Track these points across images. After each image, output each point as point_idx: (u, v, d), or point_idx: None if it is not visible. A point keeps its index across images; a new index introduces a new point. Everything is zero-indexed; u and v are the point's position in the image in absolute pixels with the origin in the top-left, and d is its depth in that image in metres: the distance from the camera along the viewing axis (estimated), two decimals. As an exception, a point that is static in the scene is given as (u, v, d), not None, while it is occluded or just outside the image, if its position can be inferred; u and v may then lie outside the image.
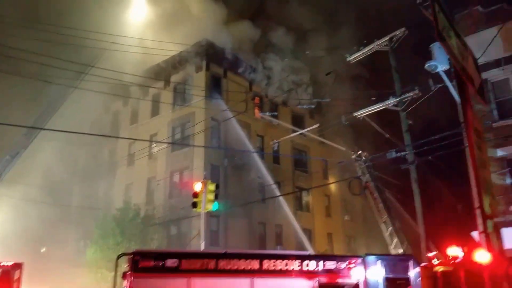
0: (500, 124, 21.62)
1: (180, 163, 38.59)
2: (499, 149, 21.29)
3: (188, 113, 39.18)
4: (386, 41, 23.18)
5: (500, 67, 21.88)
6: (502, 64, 21.87)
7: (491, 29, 20.83)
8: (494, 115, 22.01)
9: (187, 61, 40.36)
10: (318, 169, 44.76)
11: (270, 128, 42.77)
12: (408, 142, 22.26)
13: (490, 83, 22.09)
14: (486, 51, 15.78)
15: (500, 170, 20.99)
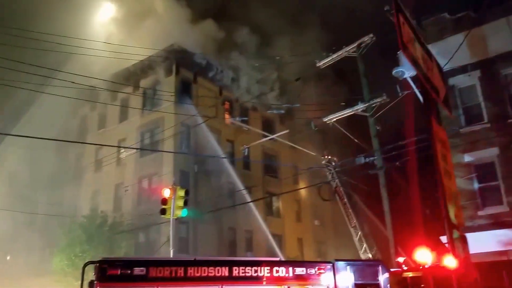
0: (467, 130, 22.01)
1: (149, 169, 38.33)
2: (466, 155, 21.66)
3: (157, 118, 38.96)
4: (355, 47, 23.47)
5: (467, 73, 22.28)
6: (469, 70, 22.28)
7: (458, 35, 21.18)
8: (461, 121, 22.40)
9: (157, 66, 40.19)
10: (289, 174, 44.96)
11: (241, 133, 42.84)
12: (376, 148, 22.50)
13: (457, 89, 22.49)
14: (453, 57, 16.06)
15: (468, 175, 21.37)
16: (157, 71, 40.56)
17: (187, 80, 40.40)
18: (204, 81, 41.59)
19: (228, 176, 39.32)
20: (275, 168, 46.33)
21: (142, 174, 38.82)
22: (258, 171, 43.90)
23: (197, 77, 41.18)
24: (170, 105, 37.33)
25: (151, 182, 38.25)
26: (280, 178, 45.25)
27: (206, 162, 37.56)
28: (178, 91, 38.93)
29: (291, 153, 44.09)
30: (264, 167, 45.32)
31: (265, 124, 45.85)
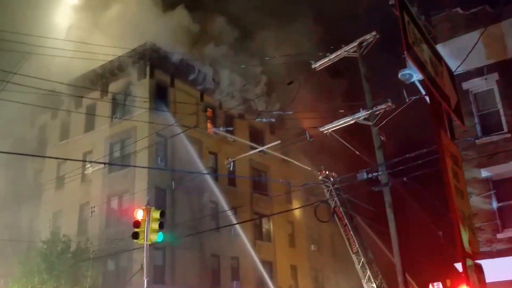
0: (483, 141, 21.94)
1: (119, 187, 38.24)
2: (483, 169, 21.63)
3: (129, 127, 38.94)
4: (355, 47, 23.61)
5: (483, 76, 22.28)
6: (485, 73, 22.26)
7: (473, 33, 21.17)
8: (477, 130, 22.36)
9: (128, 67, 40.23)
10: (280, 192, 44.96)
11: (225, 145, 42.89)
12: (380, 161, 22.55)
13: (471, 95, 22.51)
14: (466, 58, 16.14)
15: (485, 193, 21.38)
16: (129, 73, 40.60)
17: (163, 84, 40.48)
18: (183, 84, 41.67)
19: (211, 195, 39.30)
20: (264, 185, 46.36)
21: (111, 193, 38.71)
22: (245, 189, 43.92)
23: (174, 80, 41.27)
24: (143, 112, 37.32)
25: (121, 202, 38.13)
26: (271, 197, 45.27)
27: (185, 178, 37.51)
28: (153, 96, 39.00)
29: (283, 167, 44.16)
30: (253, 183, 45.33)
31: (253, 134, 45.99)
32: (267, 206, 44.68)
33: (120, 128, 39.98)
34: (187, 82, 41.96)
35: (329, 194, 27.40)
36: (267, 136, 46.85)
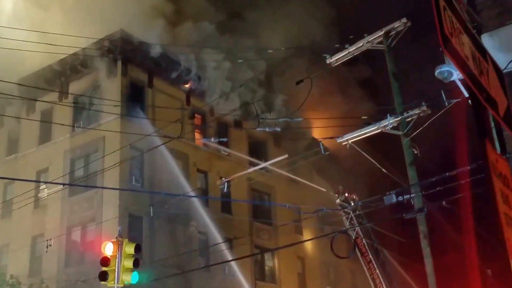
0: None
1: (82, 214, 38.25)
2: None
3: (95, 138, 39.03)
4: (381, 37, 23.80)
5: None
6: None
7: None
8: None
9: (94, 62, 40.27)
10: (288, 219, 44.99)
11: (217, 160, 42.98)
12: (413, 180, 22.69)
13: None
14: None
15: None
16: (95, 69, 40.65)
17: (139, 83, 40.60)
18: (164, 84, 41.79)
19: (200, 223, 39.28)
20: (267, 210, 46.38)
21: (72, 222, 38.69)
22: (243, 216, 43.91)
23: (153, 79, 41.39)
24: (114, 119, 37.38)
25: (85, 233, 38.15)
26: (276, 226, 45.27)
27: (167, 202, 37.53)
28: (126, 98, 39.04)
29: (291, 189, 44.24)
30: (252, 209, 45.38)
31: (253, 146, 46.08)
32: (271, 237, 44.68)
33: (84, 139, 40.04)
34: (169, 81, 42.09)
35: (349, 223, 27.48)
36: (270, 149, 46.94)
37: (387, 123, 23.38)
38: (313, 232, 44.22)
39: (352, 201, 27.75)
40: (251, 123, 40.22)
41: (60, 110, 41.25)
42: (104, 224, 35.81)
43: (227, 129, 44.83)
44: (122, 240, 23.23)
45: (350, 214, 27.31)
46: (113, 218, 35.34)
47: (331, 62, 25.90)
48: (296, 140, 41.76)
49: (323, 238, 34.89)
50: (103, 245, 23.23)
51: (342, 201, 27.76)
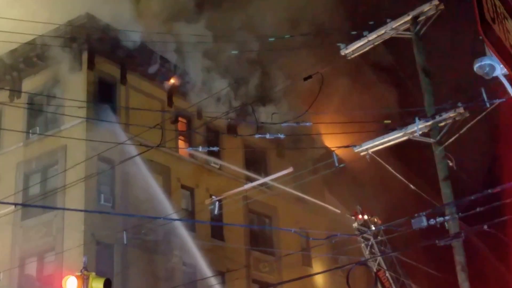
0: None
1: (38, 242, 38.31)
2: None
3: (55, 147, 39.20)
4: (408, 23, 24.22)
5: None
6: None
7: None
8: None
9: (53, 53, 40.43)
10: (293, 247, 45.31)
11: (207, 174, 43.25)
12: (448, 199, 22.97)
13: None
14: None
15: None
16: (55, 63, 40.81)
17: (110, 80, 40.82)
18: (141, 81, 42.05)
19: (185, 252, 39.37)
20: (269, 237, 46.59)
21: (26, 251, 38.71)
22: (238, 243, 44.07)
23: (127, 74, 41.66)
24: (78, 124, 37.64)
25: (42, 265, 38.25)
26: (278, 256, 45.48)
27: (144, 227, 37.81)
28: (93, 98, 39.12)
29: (298, 209, 44.55)
30: (250, 235, 45.58)
31: (251, 157, 46.28)
32: (273, 270, 44.87)
33: (40, 149, 40.20)
34: (147, 77, 42.39)
35: (369, 252, 27.86)
36: (272, 161, 47.24)
37: (415, 128, 23.35)
38: (325, 263, 44.49)
39: (372, 225, 28.03)
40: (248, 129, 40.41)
41: (11, 112, 41.36)
42: (66, 254, 35.84)
43: (219, 136, 44.99)
44: (88, 274, 23.39)
45: (371, 241, 27.62)
46: (77, 246, 35.24)
47: (346, 54, 26.04)
48: (303, 149, 41.94)
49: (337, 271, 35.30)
50: (64, 280, 23.42)
51: (360, 225, 28.04)
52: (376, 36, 25.21)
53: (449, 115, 22.92)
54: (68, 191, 36.27)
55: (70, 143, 37.36)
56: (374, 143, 24.36)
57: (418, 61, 24.05)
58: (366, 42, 25.52)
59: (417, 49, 24.17)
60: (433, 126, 23.20)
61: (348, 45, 25.87)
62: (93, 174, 36.81)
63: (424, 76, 23.83)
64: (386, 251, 27.36)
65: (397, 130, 23.79)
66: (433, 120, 23.10)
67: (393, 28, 24.63)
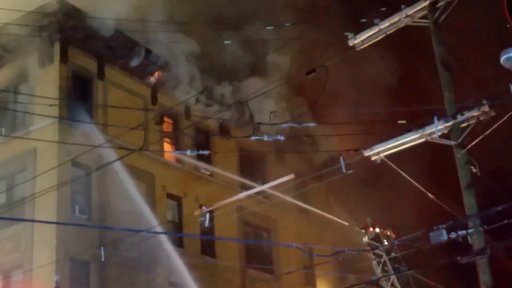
0: None
1: (4, 258, 38.32)
2: None
3: (22, 151, 39.21)
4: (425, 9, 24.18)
5: None
6: None
7: None
8: None
9: (22, 44, 40.53)
10: (295, 264, 45.38)
11: (196, 182, 43.27)
12: (471, 209, 22.94)
13: None
14: None
15: None
16: (23, 55, 40.91)
17: (86, 74, 40.75)
18: (121, 75, 42.07)
19: (171, 271, 39.36)
20: (267, 253, 46.63)
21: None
22: (232, 259, 44.12)
23: (104, 67, 41.60)
24: (49, 124, 37.61)
25: (8, 285, 38.28)
26: (277, 274, 45.55)
27: (124, 241, 37.75)
28: (67, 95, 39.16)
29: (300, 222, 44.61)
30: (246, 251, 45.63)
31: (247, 163, 46.31)
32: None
33: (6, 153, 40.22)
34: (128, 71, 42.44)
35: (381, 269, 27.84)
36: (271, 167, 47.28)
37: (433, 129, 23.31)
38: (331, 282, 44.58)
39: (385, 239, 28.02)
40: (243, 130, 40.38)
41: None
42: (36, 272, 35.89)
43: (209, 138, 45.06)
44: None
45: (383, 258, 27.60)
46: (48, 263, 35.37)
47: (355, 44, 26.02)
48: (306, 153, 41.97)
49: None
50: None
51: (371, 239, 28.01)
52: (389, 24, 25.13)
53: (472, 114, 22.84)
54: (38, 201, 36.29)
55: (41, 146, 37.38)
56: (387, 146, 24.28)
57: (436, 53, 24.01)
58: (377, 31, 25.44)
59: (436, 39, 24.13)
60: (454, 127, 23.11)
61: (356, 34, 25.80)
62: (66, 181, 36.75)
63: (443, 70, 23.79)
64: (401, 269, 27.30)
65: (413, 131, 23.67)
66: (454, 120, 23.04)
67: (408, 15, 24.57)
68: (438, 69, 23.84)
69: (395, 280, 27.32)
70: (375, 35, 25.53)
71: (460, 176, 23.17)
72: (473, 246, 22.54)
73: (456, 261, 23.12)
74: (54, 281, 26.71)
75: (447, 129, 23.11)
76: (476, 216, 22.70)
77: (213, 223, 36.73)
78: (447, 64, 23.81)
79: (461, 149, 22.95)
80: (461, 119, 22.93)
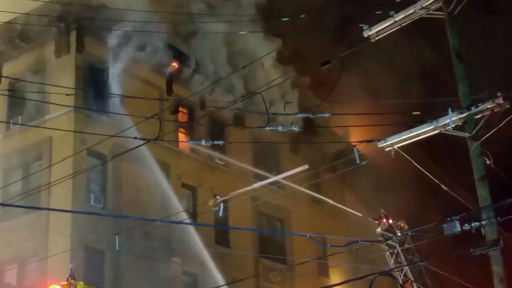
0: None
1: (19, 246, 38.43)
2: None
3: (38, 140, 39.31)
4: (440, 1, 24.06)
5: None
6: None
7: None
8: None
9: (38, 34, 40.46)
10: (308, 254, 45.21)
11: (210, 172, 43.24)
12: (485, 201, 22.86)
13: None
14: None
15: None
16: (39, 44, 40.87)
17: (101, 64, 40.72)
18: (136, 65, 42.00)
19: (186, 260, 39.32)
20: (280, 242, 46.54)
21: (5, 257, 38.76)
22: (246, 249, 44.06)
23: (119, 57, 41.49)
24: (65, 113, 37.63)
25: (24, 273, 38.34)
26: (291, 264, 45.41)
27: (138, 230, 37.73)
28: (83, 84, 39.11)
29: (313, 212, 44.52)
30: (259, 241, 45.59)
31: (261, 153, 46.20)
32: (284, 280, 44.83)
33: (22, 141, 40.29)
34: (143, 61, 42.29)
35: (394, 260, 27.75)
36: (285, 157, 47.18)
37: (448, 121, 23.23)
38: (344, 273, 44.47)
39: (398, 231, 27.91)
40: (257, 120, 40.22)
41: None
42: (50, 261, 35.97)
43: (224, 129, 44.93)
44: (76, 283, 23.41)
45: (396, 248, 27.51)
46: (63, 252, 35.36)
47: (370, 36, 25.94)
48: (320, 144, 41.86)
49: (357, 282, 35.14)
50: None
51: (384, 230, 27.90)
52: (404, 16, 25.03)
53: (486, 106, 22.78)
54: (53, 190, 36.19)
55: (56, 135, 37.43)
56: (401, 137, 24.18)
57: (451, 44, 23.94)
58: (392, 23, 25.34)
59: (451, 31, 24.05)
60: (468, 119, 23.04)
61: (371, 26, 25.72)
62: (81, 170, 36.63)
63: (458, 62, 23.72)
64: (414, 260, 27.21)
65: (427, 122, 23.59)
66: (468, 111, 22.96)
67: (423, 7, 24.48)
68: (453, 61, 23.79)
69: (408, 270, 27.24)
70: (390, 27, 25.45)
71: (473, 168, 23.10)
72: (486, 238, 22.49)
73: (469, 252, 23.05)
74: (69, 269, 26.55)
75: (461, 121, 23.04)
76: (490, 208, 22.64)
77: (227, 213, 36.63)
78: (462, 56, 23.76)
79: (475, 140, 22.88)
80: (475, 111, 22.86)
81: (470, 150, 23.12)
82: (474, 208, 23.01)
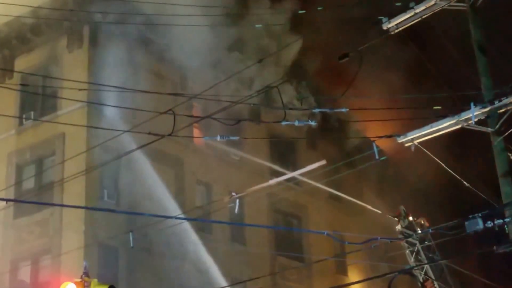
0: None
1: (33, 243, 38.39)
2: None
3: (51, 135, 39.26)
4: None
5: None
6: None
7: None
8: None
9: (50, 28, 40.36)
10: (325, 252, 45.04)
11: (226, 168, 43.04)
12: (509, 198, 22.63)
13: None
14: None
15: None
16: (52, 38, 40.78)
17: (115, 58, 40.53)
18: (149, 59, 41.85)
19: (199, 257, 39.21)
20: (297, 240, 46.39)
21: (18, 253, 38.86)
22: (262, 247, 43.98)
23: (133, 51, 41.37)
24: (78, 109, 37.56)
25: (37, 270, 38.30)
26: (308, 262, 45.29)
27: (152, 227, 37.61)
28: (96, 79, 39.00)
29: (331, 209, 44.31)
30: (275, 238, 45.41)
31: (277, 149, 46.03)
32: (301, 279, 44.73)
33: (35, 137, 40.30)
34: (156, 54, 42.26)
35: (414, 258, 27.49)
36: (302, 153, 47.00)
37: (470, 115, 23.10)
38: (363, 271, 44.26)
39: (419, 228, 27.65)
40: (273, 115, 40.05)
41: (1, 95, 41.30)
42: (64, 258, 35.99)
43: (239, 124, 44.77)
44: (90, 280, 23.28)
45: (417, 246, 27.25)
46: (77, 248, 35.47)
47: (389, 28, 25.75)
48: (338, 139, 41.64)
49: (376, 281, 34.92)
50: (62, 287, 23.37)
51: (404, 227, 27.65)
52: (425, 8, 24.80)
53: (510, 100, 22.59)
54: (66, 186, 36.30)
55: (69, 130, 37.30)
56: (421, 133, 24.02)
57: (474, 37, 23.71)
58: (412, 15, 25.12)
59: (473, 23, 23.81)
60: (491, 113, 22.83)
61: (391, 18, 25.48)
62: (95, 166, 36.60)
63: (481, 55, 23.48)
64: (435, 258, 26.91)
65: (448, 117, 23.40)
66: (491, 105, 22.76)
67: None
68: (475, 54, 23.54)
69: (429, 269, 26.96)
70: (410, 19, 25.22)
71: (497, 163, 22.89)
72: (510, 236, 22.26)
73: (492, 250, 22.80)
74: (82, 266, 26.40)
75: (484, 115, 22.83)
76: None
77: (242, 210, 36.44)
78: (484, 48, 23.49)
79: (498, 136, 22.66)
80: (499, 105, 22.65)
81: (493, 145, 22.89)
82: (497, 204, 22.76)
